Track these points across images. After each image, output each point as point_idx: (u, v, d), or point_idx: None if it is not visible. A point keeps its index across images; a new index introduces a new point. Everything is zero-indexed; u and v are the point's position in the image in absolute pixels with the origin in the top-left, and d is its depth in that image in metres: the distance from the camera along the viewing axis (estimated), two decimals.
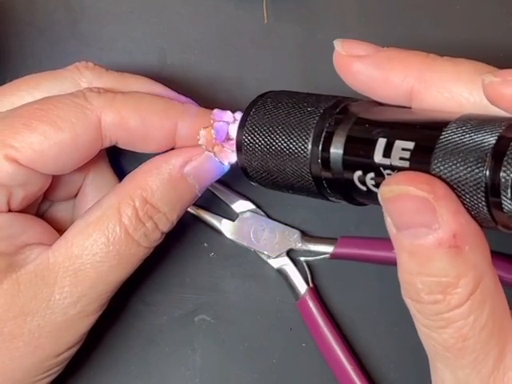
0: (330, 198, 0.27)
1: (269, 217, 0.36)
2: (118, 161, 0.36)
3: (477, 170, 0.21)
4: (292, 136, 0.26)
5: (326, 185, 0.26)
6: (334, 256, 0.35)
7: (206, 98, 0.38)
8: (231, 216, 0.36)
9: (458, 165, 0.21)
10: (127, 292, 0.35)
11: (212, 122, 0.30)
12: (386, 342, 0.36)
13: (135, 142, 0.30)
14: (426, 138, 0.22)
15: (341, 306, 0.36)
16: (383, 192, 0.22)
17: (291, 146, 0.26)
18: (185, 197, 0.31)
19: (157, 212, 0.29)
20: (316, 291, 0.35)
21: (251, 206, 0.36)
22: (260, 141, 0.27)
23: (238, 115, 0.30)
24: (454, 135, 0.22)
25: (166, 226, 0.30)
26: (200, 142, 0.30)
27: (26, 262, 0.28)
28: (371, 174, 0.24)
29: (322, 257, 0.35)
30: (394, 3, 0.39)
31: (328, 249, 0.35)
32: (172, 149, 0.31)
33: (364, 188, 0.24)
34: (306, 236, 0.36)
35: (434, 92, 0.25)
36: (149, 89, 0.31)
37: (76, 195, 0.33)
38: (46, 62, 0.38)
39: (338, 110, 0.26)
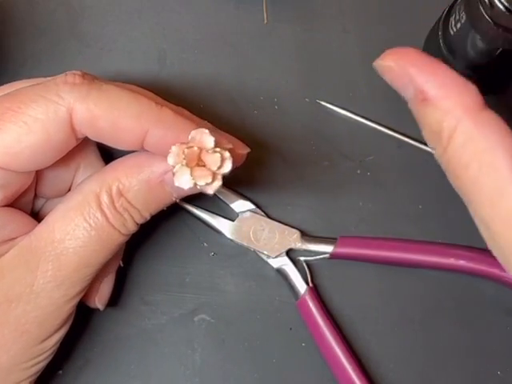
0: None
1: (268, 217, 0.36)
2: (109, 154, 0.36)
3: None
4: None
5: None
6: (333, 256, 0.35)
7: (206, 98, 0.38)
8: (231, 216, 0.36)
9: None
10: (127, 292, 0.35)
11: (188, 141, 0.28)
12: (386, 342, 0.36)
13: (103, 140, 0.29)
14: None
15: (341, 306, 0.36)
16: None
17: None
18: (160, 201, 0.31)
19: (131, 207, 0.30)
20: (316, 291, 0.35)
21: (251, 205, 0.36)
22: None
23: (207, 138, 0.28)
24: None
25: (140, 220, 0.31)
26: (168, 160, 0.28)
27: (9, 249, 0.29)
28: None
29: (321, 256, 0.35)
30: (394, 3, 0.39)
31: (328, 248, 0.35)
32: None
33: None
34: (306, 236, 0.36)
35: None
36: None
37: (69, 191, 0.33)
38: (45, 62, 0.38)
39: None
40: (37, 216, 0.32)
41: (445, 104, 0.27)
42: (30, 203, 0.32)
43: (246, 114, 0.38)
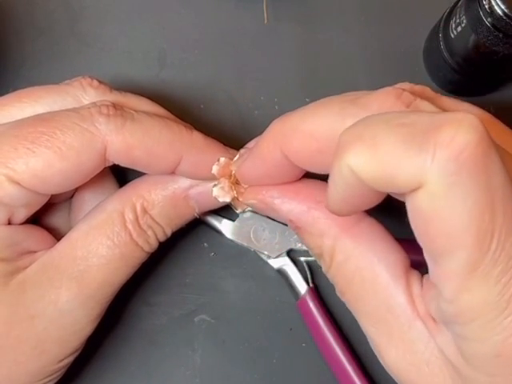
0: None
1: (269, 217, 0.36)
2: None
3: None
4: None
5: None
6: None
7: (206, 98, 0.38)
8: (231, 216, 0.36)
9: None
10: (128, 292, 0.35)
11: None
12: None
13: (136, 167, 0.29)
14: None
15: (341, 306, 0.36)
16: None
17: None
18: (183, 216, 0.32)
19: (155, 223, 0.30)
20: (316, 291, 0.35)
21: None
22: None
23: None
24: None
25: (162, 237, 0.31)
26: (213, 170, 0.30)
27: (30, 263, 0.28)
28: None
29: None
30: (393, 3, 0.39)
31: None
32: None
33: None
34: None
35: None
36: (151, 111, 0.30)
37: (72, 196, 0.33)
38: (45, 62, 0.38)
39: None
40: (37, 222, 0.32)
41: (317, 227, 0.27)
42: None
43: (245, 113, 0.38)
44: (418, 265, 0.35)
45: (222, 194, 0.30)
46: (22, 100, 0.29)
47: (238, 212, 0.34)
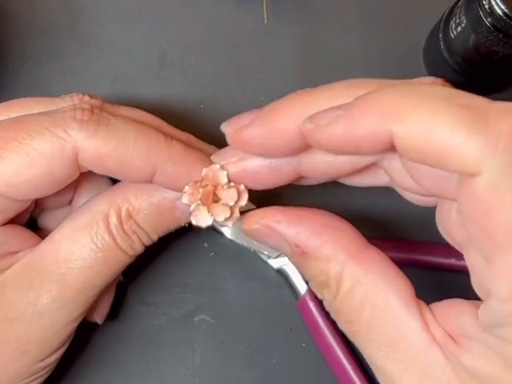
0: None
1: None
2: None
3: None
4: None
5: None
6: None
7: (206, 98, 0.38)
8: None
9: None
10: (127, 292, 0.35)
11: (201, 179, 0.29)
12: None
13: (110, 175, 0.29)
14: None
15: None
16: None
17: None
18: (169, 225, 0.31)
19: (140, 229, 0.30)
20: None
21: (251, 206, 0.36)
22: None
23: (221, 174, 0.28)
24: None
25: (147, 242, 0.31)
26: (183, 200, 0.29)
27: (12, 264, 0.28)
28: None
29: None
30: (393, 3, 0.39)
31: None
32: None
33: None
34: None
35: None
36: (142, 120, 0.29)
37: (71, 201, 0.32)
38: (45, 62, 0.38)
39: None
40: (34, 223, 0.32)
41: (324, 252, 0.27)
42: (28, 214, 0.31)
43: None
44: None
45: (201, 220, 0.29)
46: (13, 110, 0.29)
47: (229, 227, 0.31)
